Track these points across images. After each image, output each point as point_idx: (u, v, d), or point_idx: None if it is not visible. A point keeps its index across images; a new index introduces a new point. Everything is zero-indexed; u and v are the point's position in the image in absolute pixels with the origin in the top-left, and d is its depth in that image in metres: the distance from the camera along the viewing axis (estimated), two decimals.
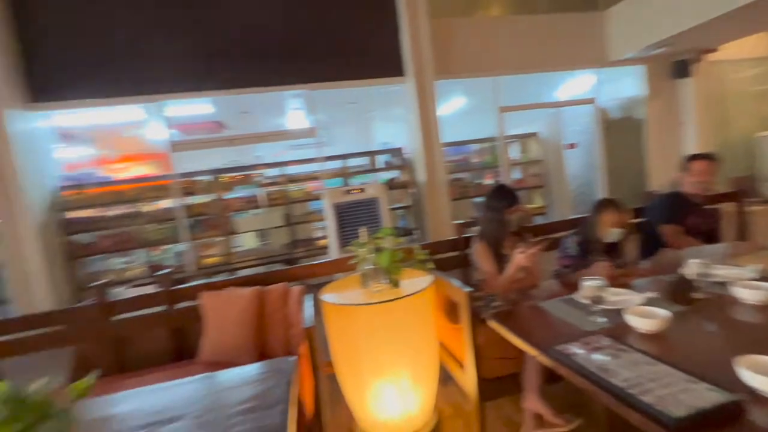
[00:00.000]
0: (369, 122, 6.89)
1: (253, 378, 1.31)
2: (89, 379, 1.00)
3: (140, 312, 2.05)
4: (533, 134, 6.06)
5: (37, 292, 3.96)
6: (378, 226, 3.10)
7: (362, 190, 3.90)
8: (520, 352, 1.54)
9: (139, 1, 4.23)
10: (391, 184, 4.99)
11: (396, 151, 5.34)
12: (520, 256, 1.88)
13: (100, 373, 1.03)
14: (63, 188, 4.34)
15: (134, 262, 4.92)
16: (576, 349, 1.25)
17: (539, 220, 5.48)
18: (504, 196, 2.15)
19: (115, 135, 5.83)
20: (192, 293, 2.06)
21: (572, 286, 1.75)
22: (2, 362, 2.04)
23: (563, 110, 5.86)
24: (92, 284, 4.18)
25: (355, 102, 5.56)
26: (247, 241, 5.41)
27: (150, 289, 2.38)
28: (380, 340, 1.76)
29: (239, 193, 4.92)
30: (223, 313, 1.89)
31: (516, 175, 6.00)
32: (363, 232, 1.96)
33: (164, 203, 4.63)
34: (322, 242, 5.09)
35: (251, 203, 4.87)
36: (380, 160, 5.44)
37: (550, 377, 1.71)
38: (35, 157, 4.07)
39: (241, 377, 1.33)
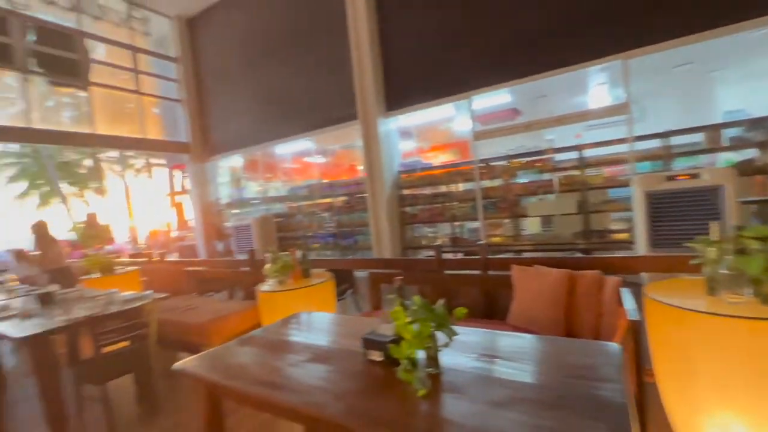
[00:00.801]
0: (707, 86, 5.28)
1: (578, 350, 1.41)
2: (462, 309, 1.38)
3: (462, 271, 2.60)
4: None
5: (385, 245, 5.69)
6: (716, 223, 2.38)
7: (694, 175, 3.11)
8: None
9: (449, 23, 5.03)
10: (743, 169, 3.68)
11: (754, 123, 3.86)
12: None
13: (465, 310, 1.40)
14: (400, 172, 5.91)
15: (439, 232, 6.11)
16: None
17: None
18: None
19: (431, 130, 7.30)
20: (503, 264, 2.40)
21: None
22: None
23: None
24: (425, 245, 5.51)
25: (690, 62, 4.39)
26: (531, 226, 5.52)
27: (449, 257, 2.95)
28: (733, 363, 1.43)
29: (530, 177, 5.06)
30: (532, 286, 2.10)
31: None
32: (714, 228, 1.61)
33: (466, 185, 5.42)
34: (619, 236, 4.49)
35: (542, 188, 4.89)
36: (725, 135, 4.11)
37: None
38: (387, 150, 5.75)
39: (566, 347, 1.46)
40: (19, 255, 5.12)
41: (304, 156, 10.23)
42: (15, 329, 2.53)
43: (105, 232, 12.32)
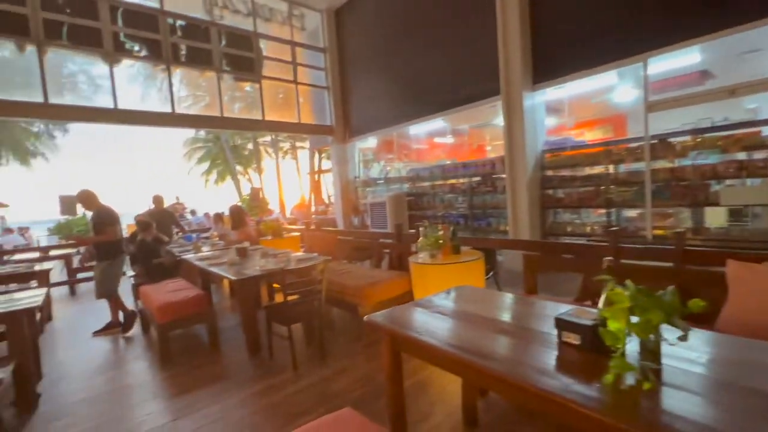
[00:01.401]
0: None
1: None
2: (698, 301, 1.16)
3: (646, 262, 2.25)
4: None
5: (523, 229, 5.37)
6: None
7: None
8: None
9: None
10: None
11: None
12: None
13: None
14: (544, 151, 5.41)
15: (584, 219, 5.44)
16: None
17: None
18: None
19: (583, 103, 6.45)
20: (709, 257, 1.98)
21: None
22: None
23: None
24: (570, 231, 5.00)
25: None
26: (713, 218, 4.45)
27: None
28: None
29: (719, 157, 4.04)
30: (761, 288, 1.68)
31: None
32: None
33: (632, 166, 4.65)
34: None
35: (744, 169, 3.87)
36: None
37: None
38: (531, 127, 5.32)
39: None
40: (217, 217, 6.52)
41: (435, 136, 10.29)
42: (229, 273, 3.24)
43: (265, 204, 14.64)
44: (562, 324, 1.38)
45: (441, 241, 2.88)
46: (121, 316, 4.08)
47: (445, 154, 10.51)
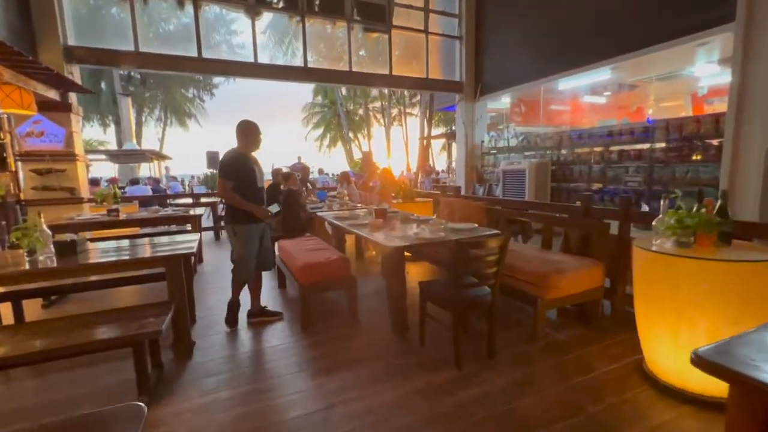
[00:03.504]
0: None
1: None
2: None
3: None
4: None
5: (744, 211, 3.82)
6: None
7: None
8: None
9: None
10: None
11: None
12: None
13: None
14: None
15: None
16: None
17: None
18: None
19: None
20: None
21: None
22: None
23: None
24: None
25: None
26: None
27: None
28: None
29: None
30: None
31: None
32: None
33: None
34: None
35: None
36: None
37: None
38: None
39: None
40: (343, 177, 6.29)
41: (583, 95, 8.51)
42: (378, 238, 2.73)
43: (376, 169, 14.55)
44: None
45: (702, 223, 1.85)
46: None
47: (594, 117, 8.67)
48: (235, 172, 2.77)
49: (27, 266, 2.16)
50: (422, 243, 2.52)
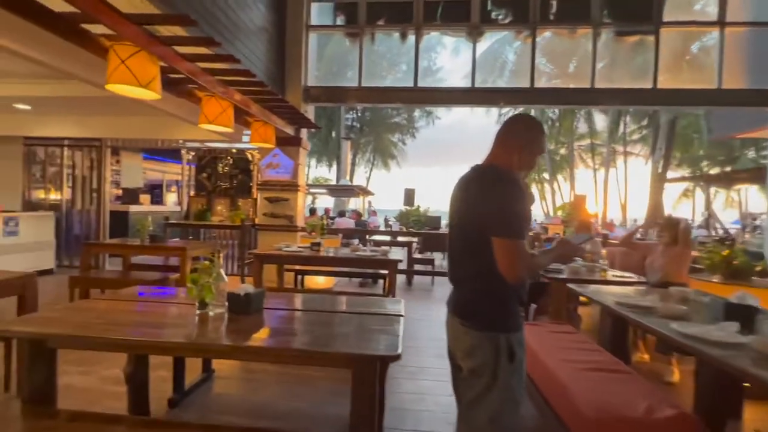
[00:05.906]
0: None
1: None
2: None
3: None
4: None
5: None
6: None
7: None
8: None
9: None
10: None
11: None
12: None
13: None
14: None
15: None
16: None
17: None
18: None
19: None
20: None
21: None
22: None
23: None
24: None
25: None
26: None
27: None
28: None
29: None
30: None
31: None
32: None
33: None
34: None
35: None
36: None
37: None
38: None
39: None
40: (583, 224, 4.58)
41: None
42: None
43: (589, 217, 11.71)
44: None
45: None
46: None
47: None
48: (522, 220, 1.24)
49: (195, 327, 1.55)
50: None
